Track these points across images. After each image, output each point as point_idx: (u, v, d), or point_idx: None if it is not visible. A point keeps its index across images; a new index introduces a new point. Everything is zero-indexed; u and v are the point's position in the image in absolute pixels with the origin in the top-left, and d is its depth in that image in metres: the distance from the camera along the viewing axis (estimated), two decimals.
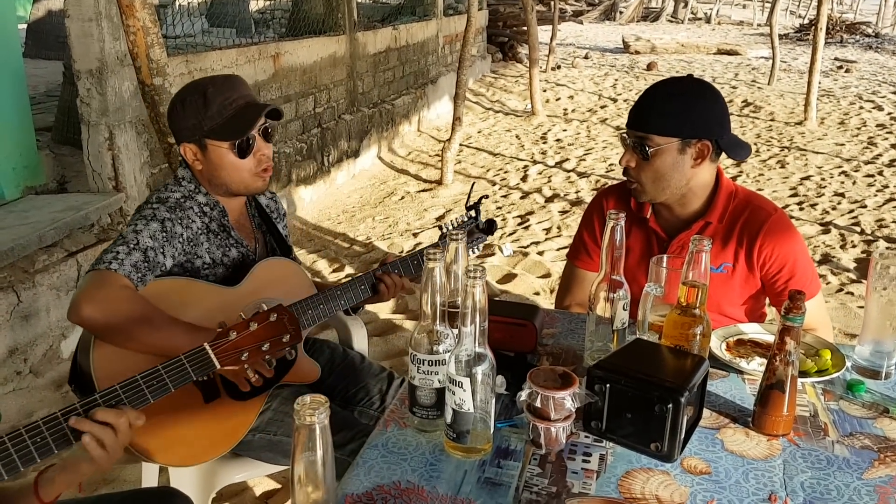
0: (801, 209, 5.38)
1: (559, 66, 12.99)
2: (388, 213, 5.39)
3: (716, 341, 1.52)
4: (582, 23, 23.95)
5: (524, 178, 6.28)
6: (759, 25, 23.07)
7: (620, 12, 25.97)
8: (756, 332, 1.61)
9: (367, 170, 6.62)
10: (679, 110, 1.69)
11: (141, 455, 1.53)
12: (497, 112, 9.23)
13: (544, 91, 9.96)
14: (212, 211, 1.76)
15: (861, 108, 9.23)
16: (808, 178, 6.18)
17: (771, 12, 12.07)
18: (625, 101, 9.86)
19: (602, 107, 9.51)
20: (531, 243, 4.68)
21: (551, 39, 12.75)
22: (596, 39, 19.06)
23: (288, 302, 1.74)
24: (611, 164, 6.67)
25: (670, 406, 1.14)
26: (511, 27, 13.54)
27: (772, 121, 8.51)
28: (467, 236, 1.98)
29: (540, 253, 4.50)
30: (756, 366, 1.47)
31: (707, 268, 1.30)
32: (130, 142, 3.68)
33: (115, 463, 1.27)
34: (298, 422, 0.84)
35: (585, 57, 14.71)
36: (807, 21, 21.37)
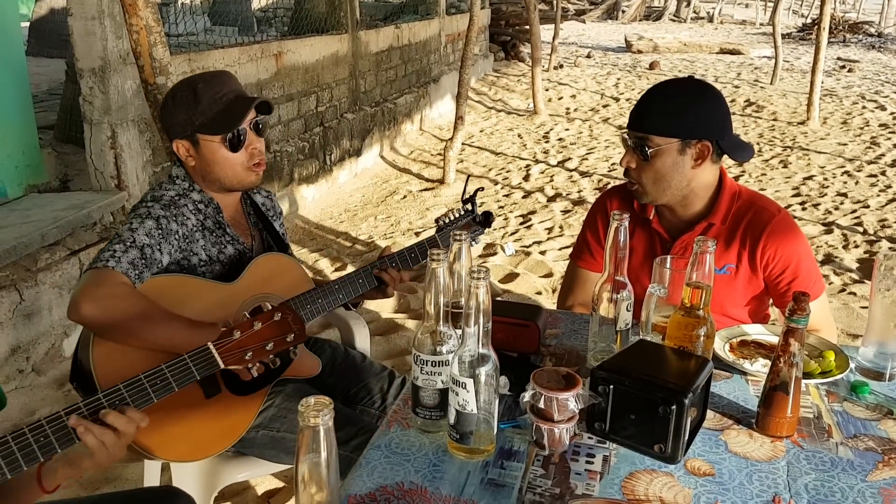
0: (804, 209, 5.37)
1: (561, 65, 12.99)
2: (391, 213, 5.39)
3: (719, 342, 1.52)
4: (584, 22, 23.94)
5: (526, 178, 6.27)
6: (762, 25, 23.05)
7: (623, 11, 25.96)
8: (759, 334, 1.61)
9: (369, 169, 6.62)
10: (678, 111, 1.69)
11: (142, 451, 1.53)
12: (499, 111, 9.22)
13: (546, 90, 9.95)
14: (206, 208, 1.76)
15: (864, 107, 9.22)
16: (810, 177, 6.18)
17: (774, 12, 12.05)
18: (627, 100, 9.85)
19: (604, 106, 9.50)
20: (533, 243, 4.68)
21: (554, 38, 12.74)
22: (598, 38, 19.05)
23: (286, 297, 1.75)
24: (613, 164, 6.66)
25: (674, 407, 1.14)
26: (513, 26, 13.53)
27: (774, 120, 8.50)
28: (464, 229, 1.98)
29: (542, 252, 4.49)
30: (760, 367, 1.47)
31: (711, 269, 1.30)
32: (133, 140, 3.68)
33: (118, 461, 1.27)
34: (302, 423, 0.84)
35: (588, 56, 14.71)
36: (809, 20, 21.35)
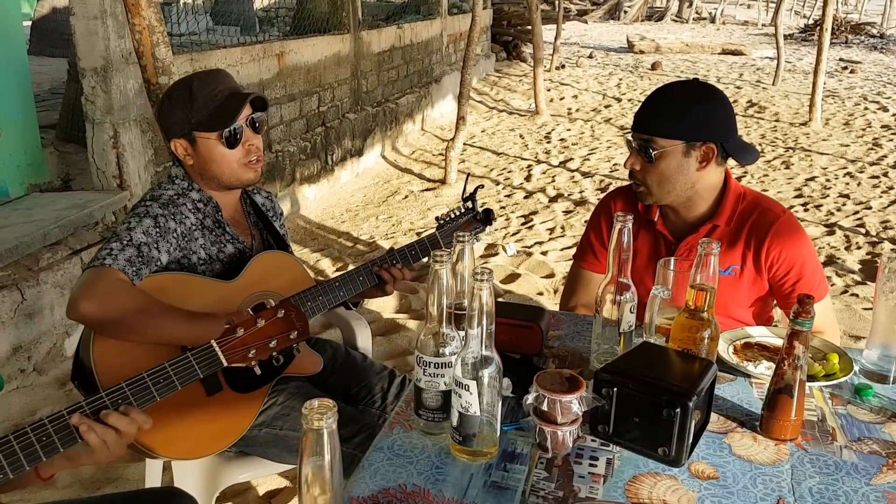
0: (806, 210, 5.36)
1: (563, 66, 12.98)
2: (392, 213, 5.38)
3: (723, 345, 1.52)
4: (586, 22, 23.94)
5: (528, 178, 6.27)
6: (764, 25, 23.04)
7: (625, 11, 25.95)
8: (763, 336, 1.61)
9: (370, 169, 6.61)
10: (683, 113, 1.68)
11: (143, 449, 1.53)
12: (501, 111, 9.22)
13: (548, 90, 9.95)
14: (205, 207, 1.77)
15: (866, 108, 9.21)
16: (812, 179, 6.17)
17: (776, 12, 12.04)
18: (629, 100, 9.85)
19: (606, 106, 9.49)
20: (535, 243, 4.67)
21: (556, 38, 12.74)
22: (600, 39, 19.04)
23: (286, 294, 1.75)
24: (615, 164, 6.66)
25: (678, 410, 1.13)
26: (515, 26, 13.52)
27: (776, 121, 8.49)
28: (465, 227, 1.98)
29: (543, 253, 4.49)
30: (763, 369, 1.46)
31: (716, 271, 1.30)
32: (135, 140, 3.68)
33: (119, 461, 1.27)
34: (306, 426, 0.84)
35: (590, 56, 14.71)
36: (811, 21, 21.34)
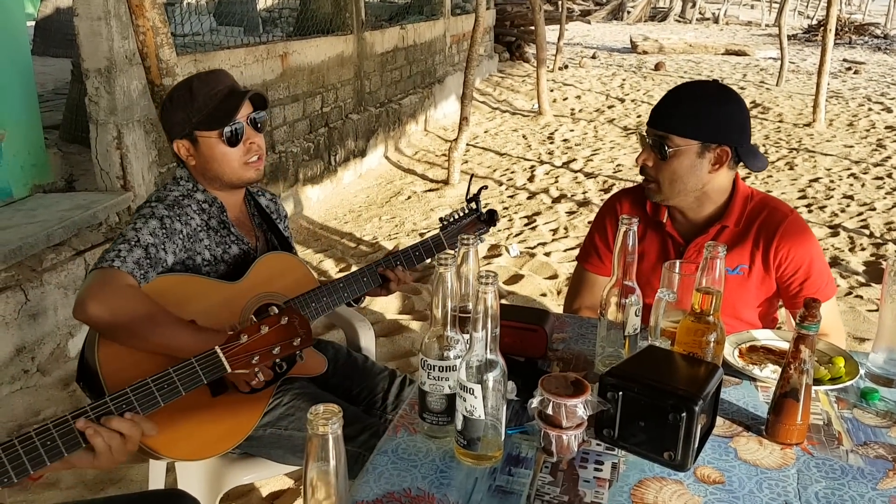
0: (810, 211, 5.35)
1: (566, 66, 12.97)
2: (395, 213, 5.38)
3: (728, 348, 1.51)
4: (589, 22, 23.92)
5: (531, 179, 6.26)
6: (768, 26, 23.01)
7: (628, 12, 25.94)
8: (769, 339, 1.60)
9: (373, 169, 6.61)
10: (702, 113, 1.68)
11: (147, 450, 1.53)
12: (504, 112, 9.21)
13: (551, 91, 9.94)
14: (210, 207, 1.77)
15: (870, 109, 9.18)
16: (816, 180, 6.15)
17: (779, 13, 12.02)
18: (632, 101, 9.84)
19: (609, 107, 9.48)
20: (538, 244, 4.66)
21: (559, 39, 12.73)
22: (603, 39, 19.03)
23: (290, 296, 1.76)
24: (618, 165, 6.65)
25: (684, 415, 1.13)
26: (518, 26, 13.52)
27: (780, 122, 8.48)
28: (469, 227, 1.98)
29: (547, 254, 4.48)
30: (769, 373, 1.46)
31: (722, 274, 1.29)
32: (139, 141, 3.68)
33: (119, 465, 1.26)
34: (311, 431, 0.84)
35: (593, 57, 14.70)
36: (815, 22, 21.29)
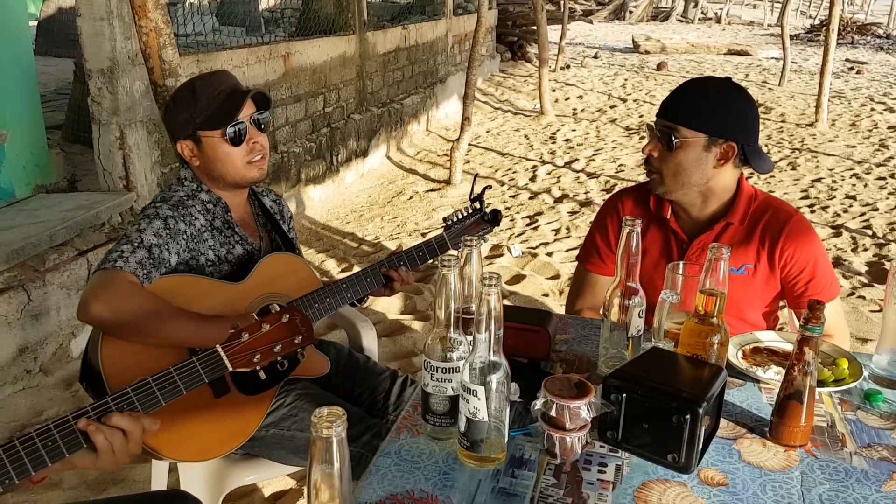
0: (813, 212, 5.34)
1: (568, 66, 12.96)
2: (397, 213, 5.38)
3: (732, 349, 1.50)
4: (591, 22, 23.90)
5: (533, 179, 6.26)
6: (770, 26, 22.97)
7: (630, 12, 25.92)
8: (772, 341, 1.60)
9: (375, 169, 6.61)
10: (711, 107, 1.68)
11: (150, 451, 1.53)
12: (506, 112, 9.21)
13: (553, 91, 9.93)
14: (215, 207, 1.77)
15: (872, 109, 9.17)
16: (819, 180, 6.14)
17: (782, 13, 12.01)
18: (634, 101, 9.83)
19: (612, 107, 9.47)
20: (540, 244, 4.66)
21: (561, 39, 12.73)
22: (605, 39, 19.01)
23: (293, 296, 1.76)
24: (620, 165, 6.64)
25: (688, 417, 1.13)
26: (520, 26, 13.51)
27: (783, 122, 8.46)
28: (473, 227, 1.98)
29: (549, 254, 4.48)
30: (773, 374, 1.45)
31: (725, 276, 1.29)
32: (141, 141, 3.68)
33: (124, 464, 1.26)
34: (315, 434, 0.84)
35: (595, 56, 14.68)
36: (817, 21, 21.27)
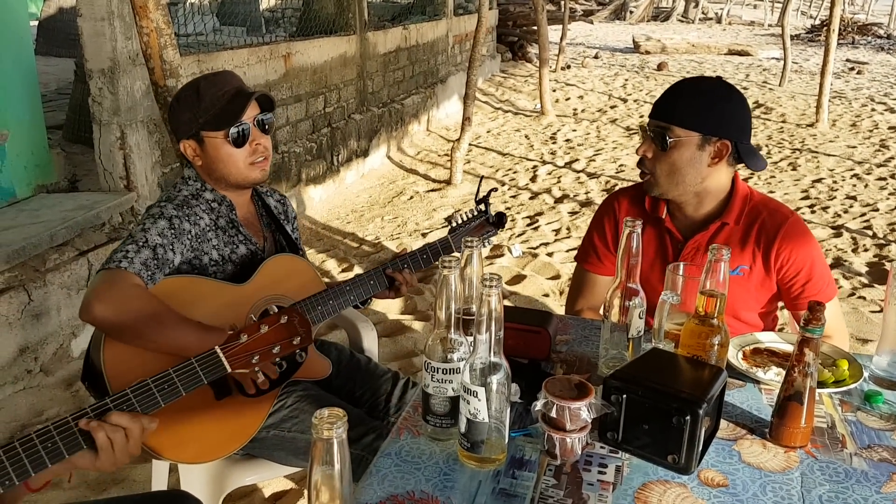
0: (813, 212, 5.34)
1: (569, 66, 12.96)
2: (397, 213, 5.38)
3: (732, 350, 1.50)
4: (592, 22, 23.88)
5: (533, 179, 6.26)
6: (771, 26, 22.97)
7: (631, 12, 25.91)
8: (772, 341, 1.60)
9: (376, 169, 6.61)
10: (703, 106, 1.69)
11: (152, 452, 1.53)
12: (506, 112, 9.21)
13: (554, 91, 9.93)
14: (219, 206, 1.77)
15: (873, 110, 9.17)
16: (819, 180, 6.14)
17: (782, 13, 12.01)
18: (635, 101, 9.83)
19: (612, 107, 9.47)
20: (540, 244, 4.66)
21: (561, 39, 12.73)
22: (606, 39, 19.01)
23: (297, 298, 1.75)
24: (621, 165, 6.64)
25: (688, 418, 1.13)
26: (521, 27, 13.51)
27: (783, 122, 8.46)
28: (477, 230, 1.98)
29: (549, 254, 4.48)
30: (773, 375, 1.45)
31: (726, 277, 1.29)
32: (142, 141, 3.68)
33: (124, 465, 1.26)
34: (316, 435, 0.84)
35: (595, 57, 14.68)
36: (818, 22, 21.26)
